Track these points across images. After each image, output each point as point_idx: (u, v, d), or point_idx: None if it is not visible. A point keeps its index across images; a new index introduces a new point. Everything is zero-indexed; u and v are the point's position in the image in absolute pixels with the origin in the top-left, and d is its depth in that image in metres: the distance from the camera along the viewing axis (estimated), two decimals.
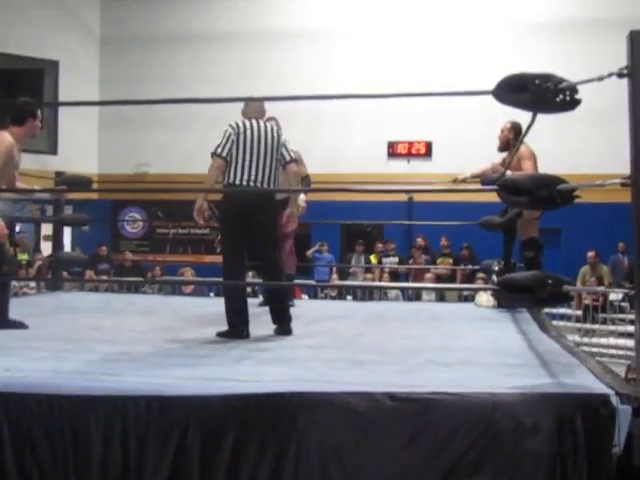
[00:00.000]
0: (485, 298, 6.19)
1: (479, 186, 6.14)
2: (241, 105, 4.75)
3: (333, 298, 9.15)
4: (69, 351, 3.69)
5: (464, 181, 6.26)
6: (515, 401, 2.66)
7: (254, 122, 4.48)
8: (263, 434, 2.69)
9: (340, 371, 3.22)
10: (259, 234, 4.46)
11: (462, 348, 4.04)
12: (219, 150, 4.39)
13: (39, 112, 4.88)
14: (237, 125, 4.43)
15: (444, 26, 12.89)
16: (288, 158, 4.58)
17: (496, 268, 5.98)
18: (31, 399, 2.78)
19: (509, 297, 3.23)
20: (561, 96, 2.79)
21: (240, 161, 4.37)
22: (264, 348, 3.97)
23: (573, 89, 2.80)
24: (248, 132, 4.40)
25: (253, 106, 4.63)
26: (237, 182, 4.37)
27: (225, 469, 2.70)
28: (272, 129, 4.52)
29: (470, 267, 10.36)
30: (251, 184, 4.38)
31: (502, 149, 5.91)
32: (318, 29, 13.16)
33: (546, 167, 5.48)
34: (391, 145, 13.18)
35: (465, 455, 2.65)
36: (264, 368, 3.26)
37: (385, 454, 2.67)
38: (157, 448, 2.73)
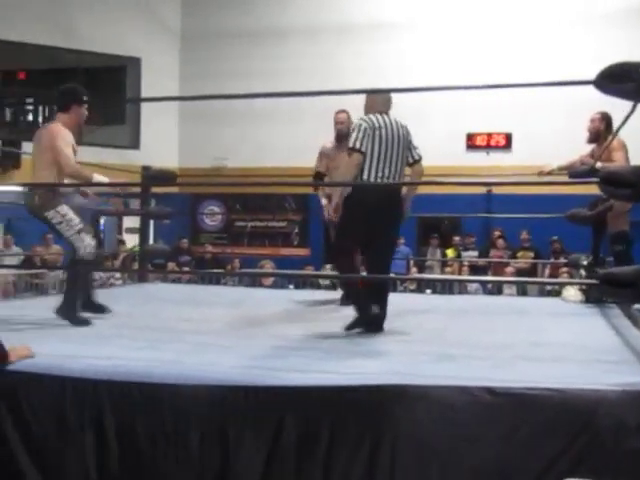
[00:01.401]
0: (572, 293, 6.05)
1: (565, 178, 6.01)
2: (321, 99, 4.73)
3: (412, 291, 9.11)
4: (164, 341, 3.79)
5: (550, 173, 6.12)
6: (618, 399, 2.60)
7: (386, 118, 4.30)
8: (359, 426, 2.71)
9: (432, 365, 3.21)
10: (381, 232, 4.30)
11: (553, 343, 3.97)
12: (357, 145, 4.18)
13: (85, 98, 4.76)
14: (371, 120, 4.23)
15: (519, 16, 12.59)
16: (417, 157, 4.50)
17: (585, 262, 5.85)
18: (134, 388, 2.86)
19: (610, 292, 3.14)
20: None
21: (375, 158, 4.20)
22: (354, 342, 3.97)
23: None
24: (383, 130, 4.22)
25: (381, 99, 4.38)
26: (371, 179, 4.22)
27: (321, 459, 2.73)
28: (402, 126, 4.35)
29: (553, 261, 10.16)
30: (384, 181, 4.25)
31: (592, 140, 5.75)
32: (393, 21, 13.06)
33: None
34: (470, 137, 13.00)
35: (564, 452, 2.62)
36: (357, 361, 3.27)
37: (482, 448, 2.65)
38: (254, 437, 2.78)
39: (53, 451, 2.95)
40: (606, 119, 5.54)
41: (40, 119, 14.98)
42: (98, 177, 4.67)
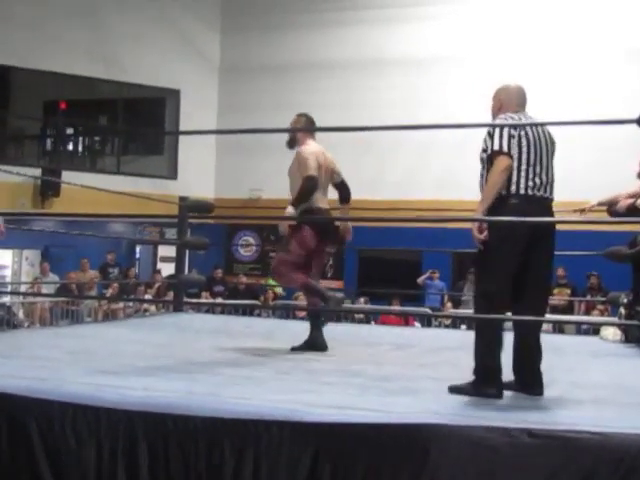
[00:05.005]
0: (611, 331, 5.95)
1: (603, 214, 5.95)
2: (356, 133, 4.68)
3: (447, 326, 9.03)
4: (198, 372, 3.79)
5: (591, 210, 6.05)
6: None
7: (526, 117, 3.53)
8: (395, 466, 2.65)
9: (470, 404, 3.16)
10: (540, 267, 3.46)
11: (593, 384, 3.89)
12: (503, 146, 3.34)
13: None
14: (513, 119, 3.46)
15: (557, 54, 12.56)
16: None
17: (625, 300, 5.75)
18: (168, 419, 2.85)
19: None
20: None
21: (524, 163, 3.37)
22: (386, 377, 3.93)
23: None
24: (528, 130, 3.42)
25: (517, 95, 3.61)
26: (522, 191, 3.35)
27: None
28: (545, 128, 3.55)
29: (590, 298, 10.01)
30: (541, 193, 3.39)
31: None
32: (430, 56, 13.11)
33: None
34: None
35: None
36: (393, 399, 3.23)
37: None
38: (288, 473, 2.74)
39: None
40: None
41: (80, 148, 15.30)
42: None
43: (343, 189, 5.20)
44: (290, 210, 4.76)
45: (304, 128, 5.12)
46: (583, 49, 12.48)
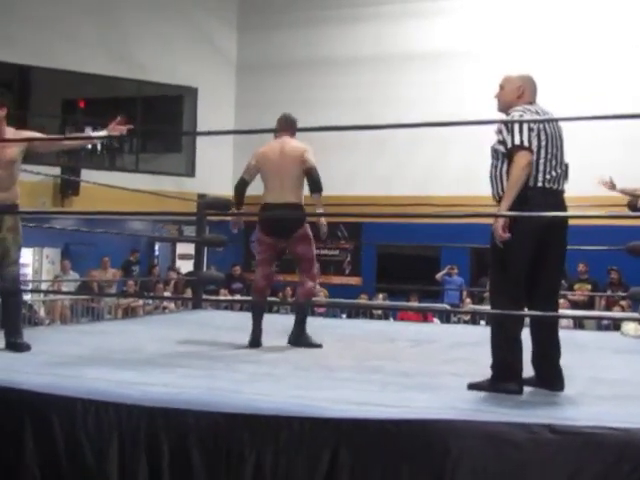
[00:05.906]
0: (633, 327, 5.91)
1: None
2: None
3: (466, 322, 8.99)
4: (219, 369, 3.81)
5: (611, 186, 6.04)
6: None
7: (540, 108, 3.48)
8: (415, 461, 2.66)
9: (490, 399, 3.15)
10: (554, 260, 3.44)
11: (614, 380, 3.87)
12: (524, 141, 3.25)
13: None
14: (530, 111, 3.38)
15: (579, 47, 12.45)
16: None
17: None
18: (189, 415, 2.87)
19: None
20: None
21: (542, 157, 3.30)
22: (406, 373, 3.93)
23: None
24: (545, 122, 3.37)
25: (531, 86, 3.53)
26: (540, 184, 3.30)
27: None
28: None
29: (610, 293, 9.93)
30: (556, 186, 3.37)
31: None
32: (448, 52, 13.05)
33: None
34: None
35: None
36: (412, 394, 3.23)
37: None
38: (308, 469, 2.75)
39: (107, 478, 2.96)
40: None
41: (99, 147, 15.38)
42: None
43: (308, 179, 4.96)
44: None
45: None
46: (597, 42, 12.35)
